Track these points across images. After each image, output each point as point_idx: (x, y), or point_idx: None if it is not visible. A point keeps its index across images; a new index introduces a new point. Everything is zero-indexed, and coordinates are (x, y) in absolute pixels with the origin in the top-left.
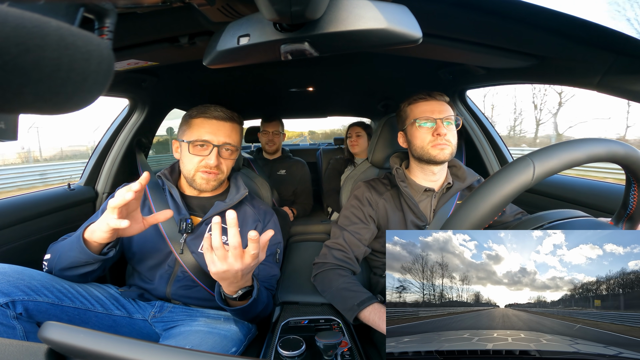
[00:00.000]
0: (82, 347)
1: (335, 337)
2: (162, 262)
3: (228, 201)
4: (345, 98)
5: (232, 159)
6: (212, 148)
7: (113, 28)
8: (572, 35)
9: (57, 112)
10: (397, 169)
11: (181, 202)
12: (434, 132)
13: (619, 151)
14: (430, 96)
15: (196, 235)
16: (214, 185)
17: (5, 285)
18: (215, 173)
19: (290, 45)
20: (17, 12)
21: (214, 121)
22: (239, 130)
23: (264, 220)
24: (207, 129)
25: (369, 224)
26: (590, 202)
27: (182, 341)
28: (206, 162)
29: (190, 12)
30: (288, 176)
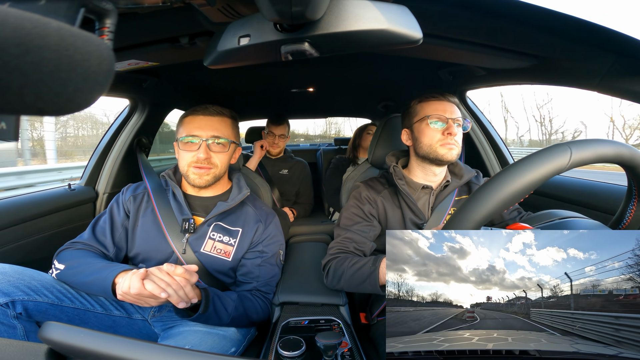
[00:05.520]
0: (82, 347)
1: (336, 337)
2: (164, 261)
3: (230, 201)
4: (345, 99)
5: (224, 152)
6: (201, 142)
7: (113, 28)
8: (573, 36)
9: (58, 113)
10: (394, 167)
11: (184, 202)
12: (444, 131)
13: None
14: (442, 96)
15: (199, 235)
16: (207, 181)
17: (5, 285)
18: (208, 167)
19: (290, 46)
20: (17, 13)
21: (201, 116)
22: (229, 124)
23: (265, 222)
24: (195, 125)
25: (372, 221)
26: (590, 202)
27: (182, 341)
28: (197, 156)
29: (191, 12)
30: (290, 176)
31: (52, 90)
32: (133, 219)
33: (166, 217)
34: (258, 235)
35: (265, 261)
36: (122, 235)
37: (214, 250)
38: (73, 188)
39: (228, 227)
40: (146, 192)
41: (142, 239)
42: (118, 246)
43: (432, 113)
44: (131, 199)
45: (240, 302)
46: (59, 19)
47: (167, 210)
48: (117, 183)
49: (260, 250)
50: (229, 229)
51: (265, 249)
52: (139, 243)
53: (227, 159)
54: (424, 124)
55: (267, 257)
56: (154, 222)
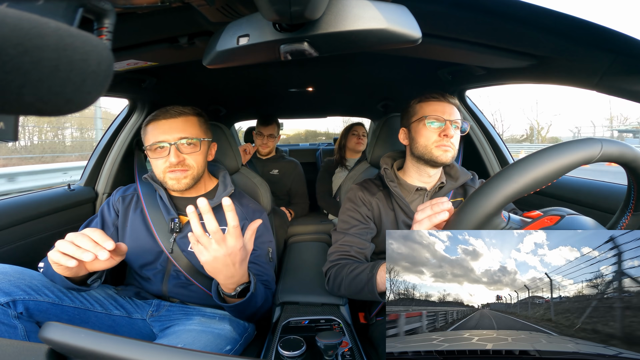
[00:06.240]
0: (83, 347)
1: (336, 337)
2: (154, 261)
3: (215, 199)
4: (344, 98)
5: (197, 152)
6: (170, 146)
7: (112, 28)
8: (572, 35)
9: (57, 113)
10: (385, 169)
11: (169, 203)
12: (441, 132)
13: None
14: (442, 97)
15: (185, 234)
16: (187, 184)
17: (6, 284)
18: (183, 170)
19: (289, 46)
20: (15, 13)
21: (163, 121)
22: (195, 122)
23: (252, 219)
24: (159, 130)
25: (369, 223)
26: (590, 202)
27: (175, 340)
28: (169, 161)
29: (190, 12)
30: (280, 176)
31: (51, 90)
32: (122, 218)
33: (155, 217)
34: (244, 232)
35: (257, 258)
36: (113, 235)
37: None
38: (73, 188)
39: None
40: (136, 193)
41: (131, 238)
42: None
43: (431, 113)
44: (120, 200)
45: (262, 289)
46: (57, 19)
47: (156, 211)
48: (116, 183)
49: None
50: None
51: (254, 246)
52: (128, 242)
53: (201, 158)
54: (421, 124)
55: (257, 254)
56: (143, 222)
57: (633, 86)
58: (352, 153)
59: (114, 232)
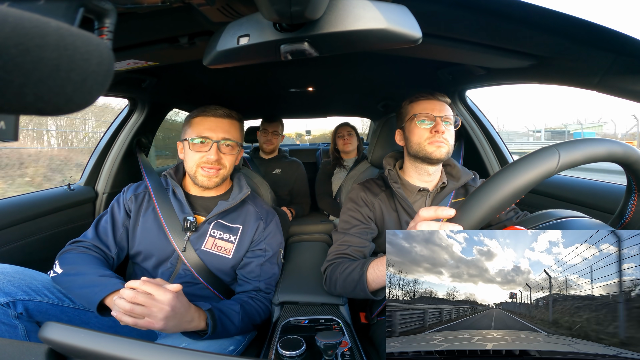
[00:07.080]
0: (83, 347)
1: (336, 337)
2: (165, 260)
3: (231, 200)
4: (345, 98)
5: (233, 154)
6: (212, 144)
7: (113, 28)
8: (572, 35)
9: (58, 113)
10: (389, 170)
11: (185, 201)
12: (432, 129)
13: (633, 156)
14: (432, 95)
15: (200, 233)
16: (216, 182)
17: (6, 284)
18: (217, 168)
19: (290, 45)
20: (16, 13)
21: (212, 118)
22: (238, 127)
23: (266, 220)
24: (206, 126)
25: (370, 224)
26: (590, 202)
27: (178, 340)
28: (207, 157)
29: (190, 12)
30: (283, 176)
31: (52, 89)
32: (134, 218)
33: (167, 216)
34: (259, 232)
35: (267, 260)
36: (123, 235)
37: (214, 247)
38: (73, 188)
39: (228, 225)
40: (147, 191)
41: (143, 238)
42: (119, 246)
43: (421, 112)
44: (132, 199)
45: (244, 311)
46: (58, 18)
47: (168, 209)
48: (116, 183)
49: (263, 249)
50: (229, 226)
51: (267, 247)
52: (140, 241)
53: (233, 160)
54: (413, 123)
55: (269, 255)
56: (155, 221)
57: (633, 86)
58: (344, 154)
59: (124, 232)
